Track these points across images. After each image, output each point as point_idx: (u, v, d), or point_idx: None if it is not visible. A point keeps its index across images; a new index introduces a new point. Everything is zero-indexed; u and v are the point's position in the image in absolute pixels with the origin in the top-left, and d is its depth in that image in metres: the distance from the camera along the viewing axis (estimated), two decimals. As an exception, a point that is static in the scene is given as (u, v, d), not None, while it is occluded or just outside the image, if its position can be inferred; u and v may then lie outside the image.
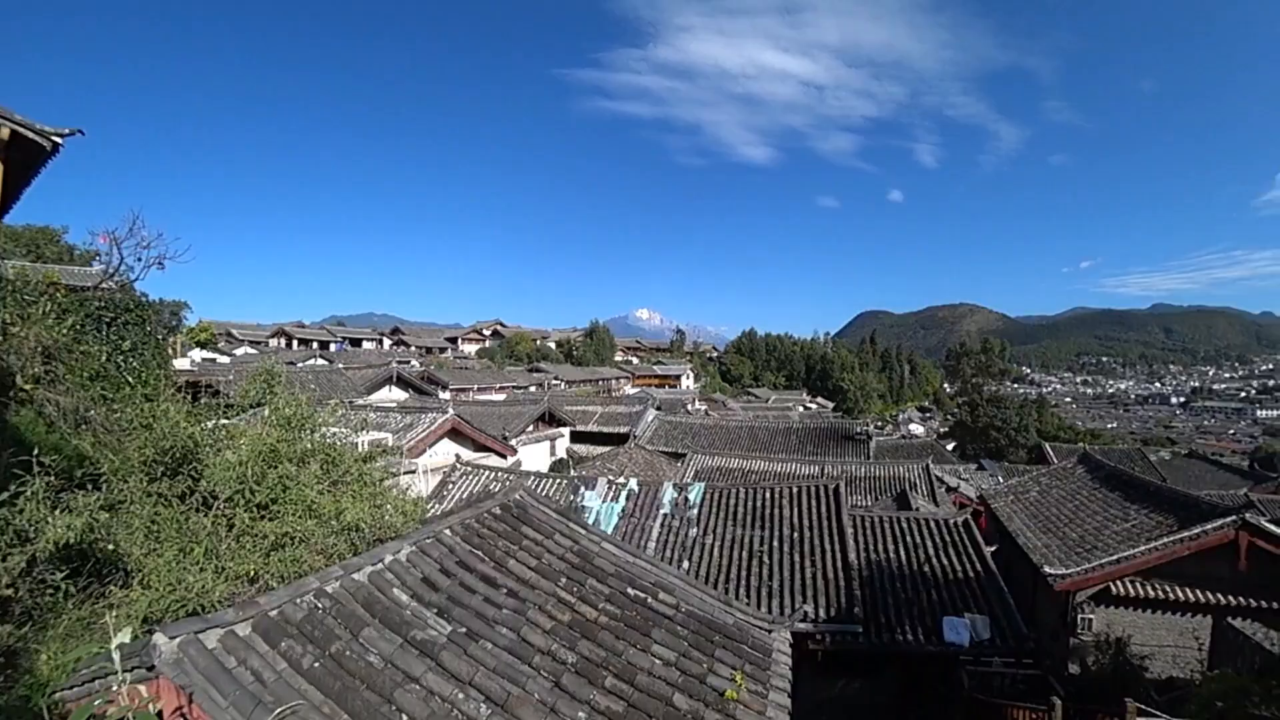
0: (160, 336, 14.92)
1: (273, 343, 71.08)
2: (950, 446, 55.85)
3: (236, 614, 4.11)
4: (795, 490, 16.07)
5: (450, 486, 19.46)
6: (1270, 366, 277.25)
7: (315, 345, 69.33)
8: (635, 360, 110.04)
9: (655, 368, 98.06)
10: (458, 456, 22.01)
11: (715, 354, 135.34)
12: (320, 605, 4.58)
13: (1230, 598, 13.77)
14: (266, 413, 8.24)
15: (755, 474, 26.64)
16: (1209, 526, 13.82)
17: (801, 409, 70.39)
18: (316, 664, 4.06)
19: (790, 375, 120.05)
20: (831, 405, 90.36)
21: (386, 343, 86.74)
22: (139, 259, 13.89)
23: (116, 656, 3.02)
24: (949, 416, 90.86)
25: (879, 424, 72.03)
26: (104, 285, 13.89)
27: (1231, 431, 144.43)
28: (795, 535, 14.50)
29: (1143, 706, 8.86)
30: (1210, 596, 13.88)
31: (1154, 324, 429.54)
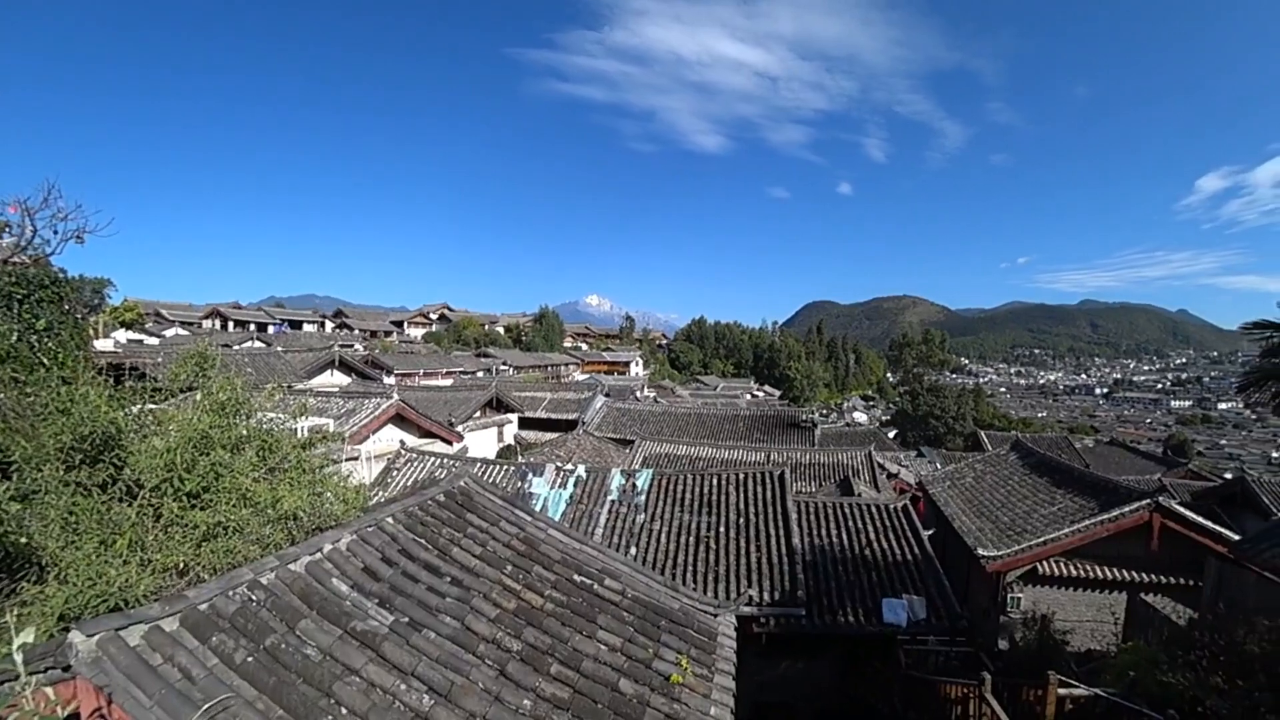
0: (80, 315, 14.00)
1: (206, 324, 67.73)
2: (892, 434, 57.77)
3: (163, 609, 3.92)
4: (742, 476, 16.33)
5: (394, 473, 19.05)
6: (1184, 361, 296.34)
7: (252, 327, 66.35)
8: (585, 346, 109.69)
9: (605, 354, 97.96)
10: (402, 443, 21.54)
11: (665, 341, 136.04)
12: (254, 597, 4.42)
13: (1143, 575, 14.76)
14: (198, 397, 7.87)
15: (703, 460, 26.97)
16: (1126, 509, 14.79)
17: (749, 396, 71.52)
18: (250, 659, 3.91)
19: (739, 363, 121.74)
20: (779, 393, 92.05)
21: (329, 325, 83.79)
22: (55, 231, 12.96)
23: (18, 658, 2.84)
24: (891, 405, 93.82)
25: (824, 412, 73.85)
26: (14, 259, 12.93)
27: (1148, 420, 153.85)
28: (741, 521, 14.76)
29: (1064, 678, 9.38)
30: (1126, 574, 14.84)
31: (1082, 319, 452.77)
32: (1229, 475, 31.30)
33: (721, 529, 14.53)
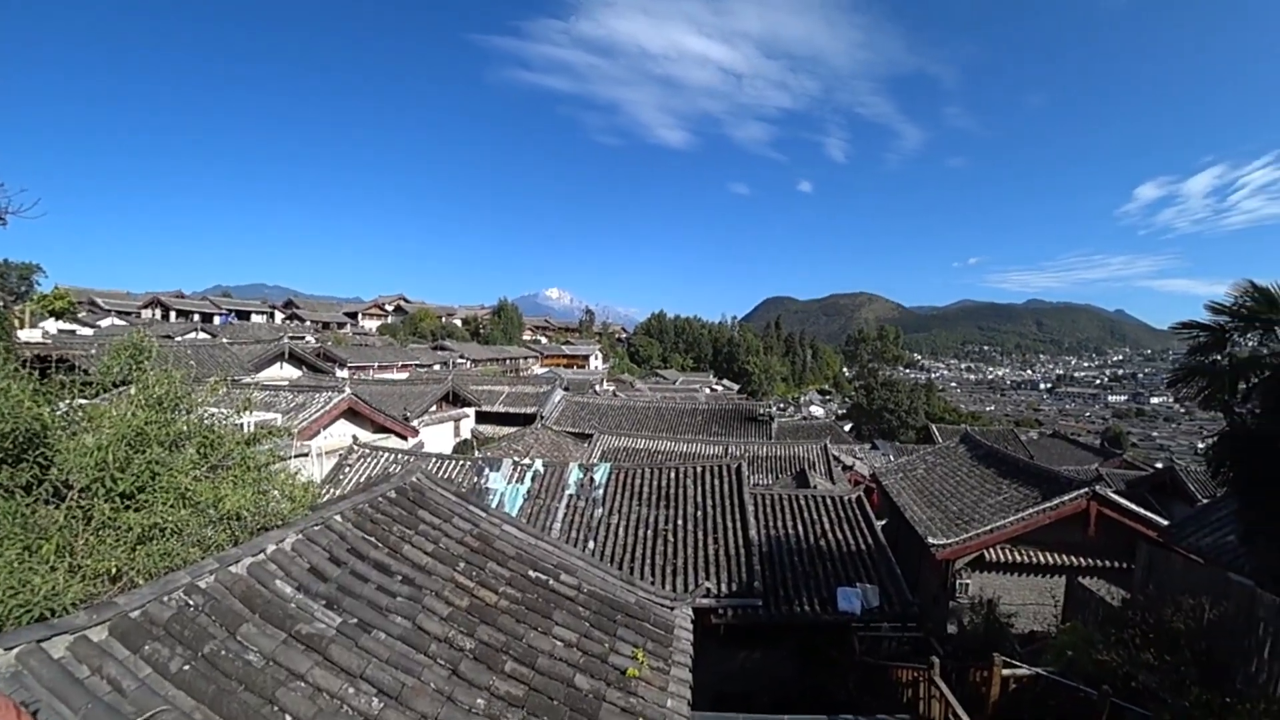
0: (3, 303, 13.23)
1: (146, 314, 64.77)
2: (848, 427, 59.01)
3: (90, 617, 3.72)
4: (699, 470, 16.45)
5: (347, 470, 18.57)
6: (1120, 358, 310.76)
7: (196, 317, 63.69)
8: (544, 340, 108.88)
9: (564, 348, 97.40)
10: (355, 438, 21.01)
11: (624, 335, 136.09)
12: (192, 602, 4.23)
13: (1081, 559, 15.48)
14: (133, 391, 7.48)
15: (661, 454, 27.08)
16: (1066, 498, 15.45)
17: (708, 390, 72.09)
18: (186, 667, 3.74)
19: (698, 357, 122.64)
20: (737, 387, 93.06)
21: (279, 316, 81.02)
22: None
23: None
24: (847, 399, 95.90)
25: (782, 406, 75.11)
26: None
27: (1088, 414, 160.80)
28: (699, 514, 14.87)
29: (1008, 659, 9.75)
30: (1065, 559, 15.54)
31: (1029, 318, 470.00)
32: (1159, 465, 32.99)
33: (679, 522, 14.62)
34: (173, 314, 66.65)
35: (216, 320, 66.23)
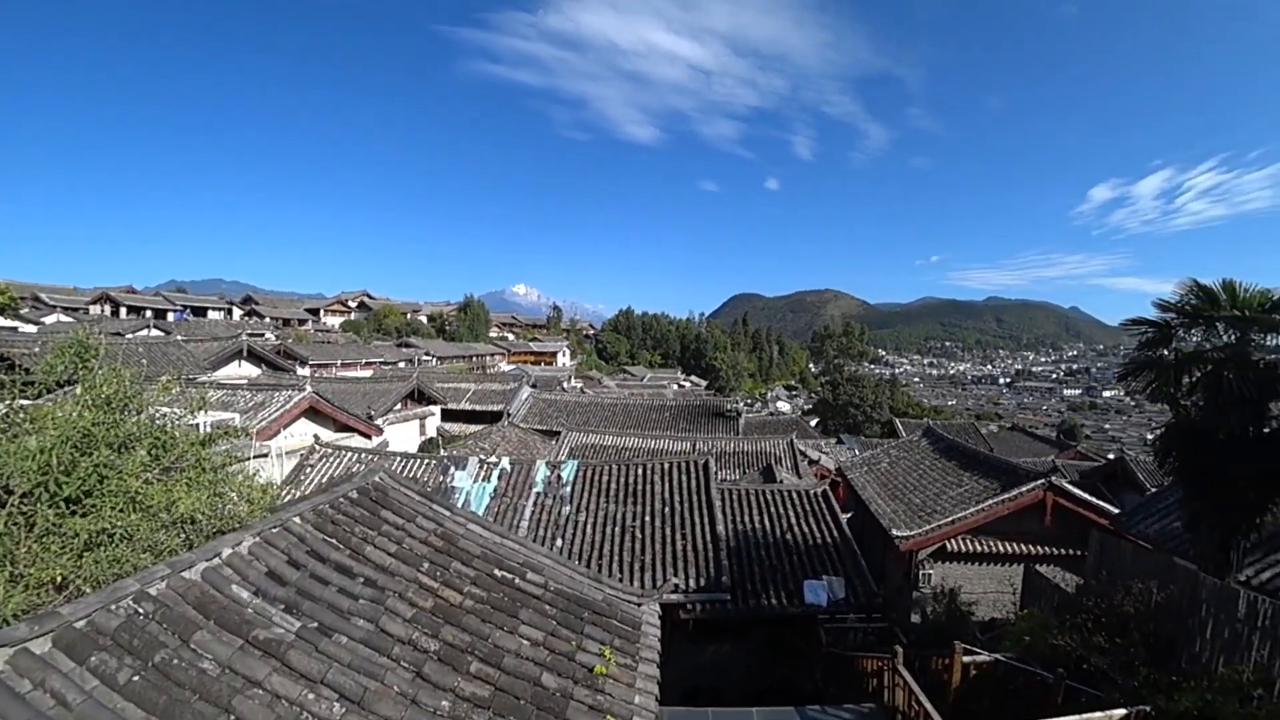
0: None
1: (94, 309, 62.15)
2: (814, 422, 59.73)
3: (31, 629, 3.55)
4: (667, 466, 16.50)
5: (308, 470, 18.15)
6: (1075, 353, 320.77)
7: (149, 314, 61.29)
8: (511, 336, 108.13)
9: (531, 344, 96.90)
10: (316, 438, 20.53)
11: (592, 332, 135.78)
12: (142, 610, 4.09)
13: (1038, 548, 15.98)
14: (79, 391, 7.18)
15: (629, 451, 27.09)
16: (1024, 489, 15.94)
17: (676, 387, 72.40)
18: (136, 678, 3.61)
19: (666, 354, 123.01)
20: (705, 383, 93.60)
21: (237, 313, 78.75)
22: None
23: None
24: (813, 394, 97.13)
25: (749, 401, 75.77)
26: None
27: (1045, 408, 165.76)
28: (666, 510, 14.92)
29: (968, 646, 9.99)
30: (1023, 548, 16.03)
31: (988, 314, 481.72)
32: (1111, 456, 34.18)
33: (647, 519, 14.65)
34: (123, 310, 64.12)
35: (170, 317, 63.98)
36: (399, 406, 31.85)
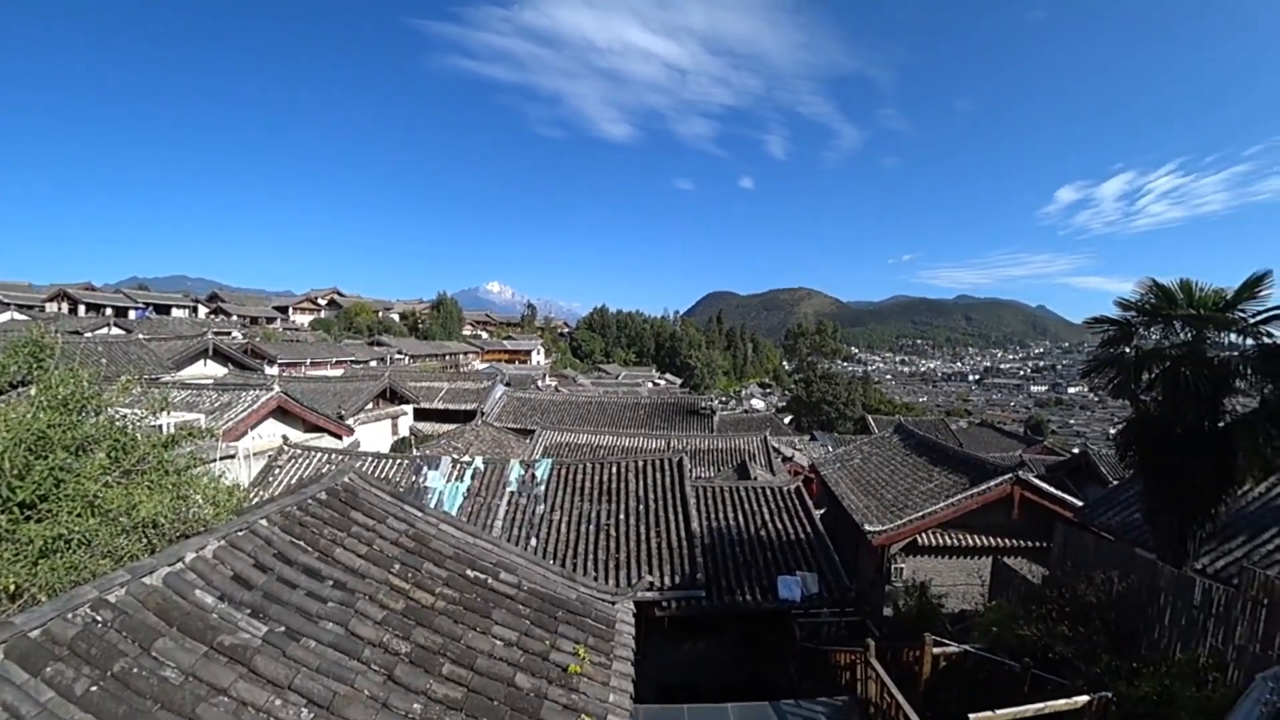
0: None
1: (51, 307, 60.04)
2: (787, 420, 60.26)
3: (-19, 638, 3.44)
4: (641, 464, 16.51)
5: (276, 471, 17.78)
6: (1041, 351, 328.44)
7: (109, 312, 59.42)
8: (485, 335, 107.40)
9: (505, 343, 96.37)
10: (285, 438, 20.14)
11: (567, 330, 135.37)
12: (100, 618, 3.96)
13: (1006, 540, 16.32)
14: (34, 392, 6.95)
15: (604, 449, 27.06)
16: (992, 484, 16.28)
17: (651, 385, 72.53)
18: (94, 688, 3.50)
19: (640, 352, 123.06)
20: (679, 381, 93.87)
21: (202, 311, 76.80)
22: None
23: None
24: (787, 392, 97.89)
25: (723, 399, 76.12)
26: None
27: (1013, 404, 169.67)
28: (641, 508, 14.93)
29: (938, 638, 10.18)
30: (991, 541, 16.36)
31: (958, 312, 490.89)
32: (1076, 450, 35.08)
33: (622, 516, 14.65)
34: (81, 308, 62.03)
35: (132, 315, 62.09)
36: (370, 406, 31.41)
